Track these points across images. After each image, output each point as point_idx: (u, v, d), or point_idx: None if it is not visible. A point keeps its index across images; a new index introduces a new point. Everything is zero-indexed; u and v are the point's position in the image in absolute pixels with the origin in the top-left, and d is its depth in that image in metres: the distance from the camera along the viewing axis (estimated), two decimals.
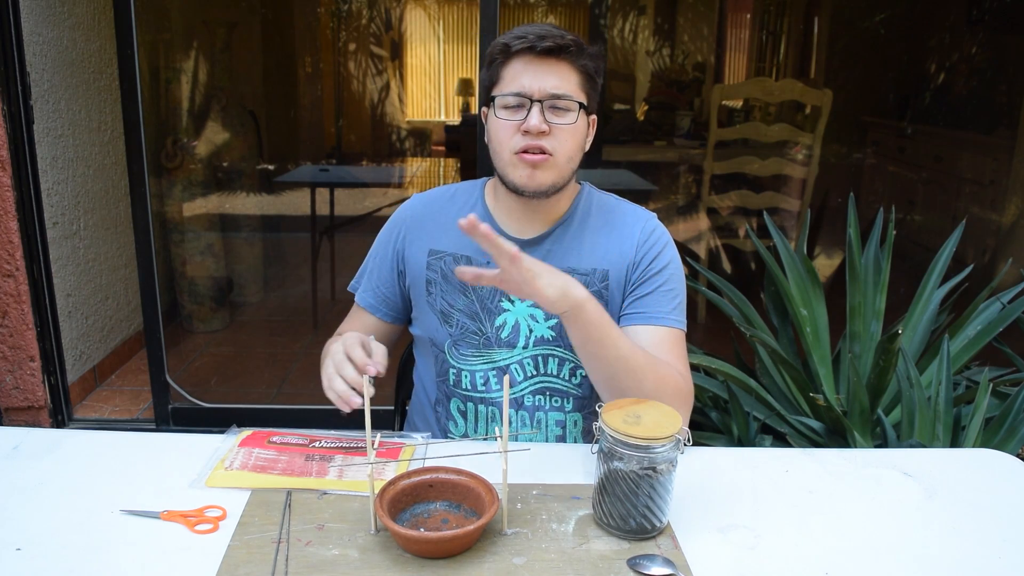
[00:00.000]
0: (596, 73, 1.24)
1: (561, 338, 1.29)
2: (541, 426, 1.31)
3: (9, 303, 2.50)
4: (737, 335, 2.14)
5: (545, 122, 1.18)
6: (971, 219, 2.70)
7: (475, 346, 1.31)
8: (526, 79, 1.18)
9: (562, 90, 1.18)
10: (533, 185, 1.21)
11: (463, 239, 1.29)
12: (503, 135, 1.21)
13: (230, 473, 1.12)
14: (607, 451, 0.98)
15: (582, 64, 1.21)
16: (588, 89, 1.23)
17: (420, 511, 1.02)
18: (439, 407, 1.37)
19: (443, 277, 1.32)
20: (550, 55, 1.18)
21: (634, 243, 1.29)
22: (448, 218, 1.32)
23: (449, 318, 1.31)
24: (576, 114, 1.20)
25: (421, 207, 1.37)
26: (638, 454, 0.95)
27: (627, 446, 0.95)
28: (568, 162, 1.23)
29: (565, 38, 1.18)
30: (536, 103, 1.18)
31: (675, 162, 3.86)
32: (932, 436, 1.71)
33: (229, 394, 3.06)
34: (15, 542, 0.96)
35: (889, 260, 2.05)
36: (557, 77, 1.19)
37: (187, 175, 3.40)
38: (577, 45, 1.19)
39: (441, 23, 4.19)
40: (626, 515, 0.98)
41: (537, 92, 1.18)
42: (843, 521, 1.04)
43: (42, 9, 2.60)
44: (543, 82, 1.18)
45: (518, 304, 1.29)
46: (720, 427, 2.01)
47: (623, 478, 0.96)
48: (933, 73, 3.77)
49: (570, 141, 1.21)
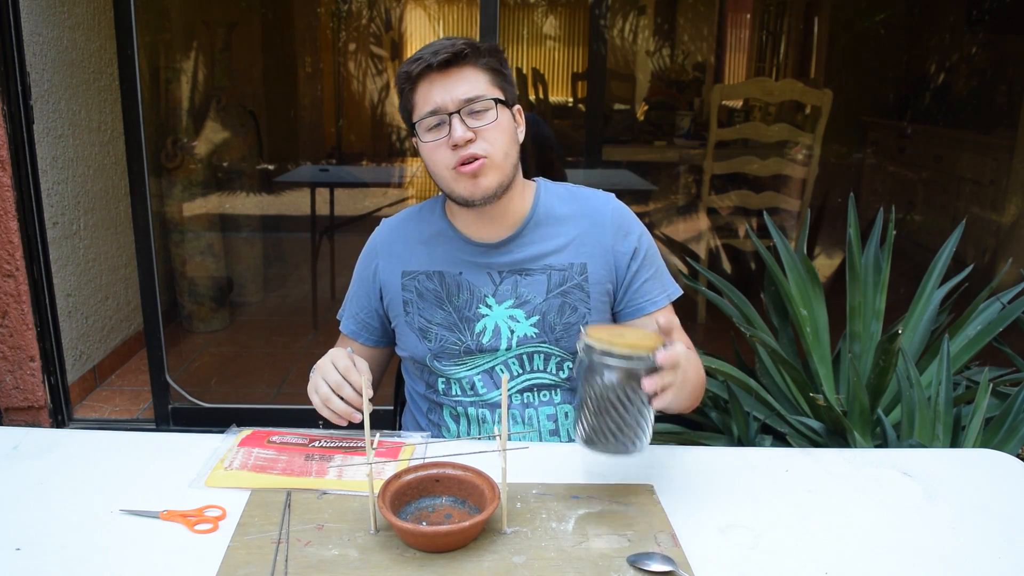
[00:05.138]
0: (501, 66, 1.25)
1: (545, 333, 1.29)
2: (533, 422, 1.32)
3: (9, 303, 2.50)
4: (737, 335, 2.14)
5: (468, 129, 1.19)
6: (971, 219, 2.70)
7: (456, 355, 1.31)
8: (436, 96, 1.20)
9: (473, 93, 1.20)
10: (480, 192, 1.22)
11: (433, 257, 1.32)
12: (436, 156, 1.22)
13: (229, 473, 1.12)
14: (590, 366, 0.97)
15: (483, 63, 1.22)
16: (499, 84, 1.24)
17: (425, 505, 1.03)
18: (432, 415, 1.38)
19: (418, 296, 1.33)
20: (449, 66, 1.19)
21: (608, 232, 1.30)
22: (415, 238, 1.35)
23: (427, 333, 1.32)
24: (495, 111, 1.21)
25: (390, 232, 1.38)
26: (621, 364, 0.95)
27: (612, 356, 0.96)
28: (505, 158, 1.23)
29: (456, 45, 1.19)
30: (453, 115, 1.19)
31: (675, 162, 3.86)
32: (932, 436, 1.71)
33: (229, 394, 3.06)
34: (15, 542, 0.96)
35: (889, 260, 2.05)
36: (464, 83, 1.20)
37: (187, 175, 3.40)
38: (471, 47, 1.20)
39: (441, 23, 4.19)
40: (606, 430, 0.98)
41: (451, 104, 1.19)
42: (843, 521, 1.04)
43: (42, 9, 2.60)
44: (452, 92, 1.19)
45: (496, 307, 1.30)
46: (720, 427, 2.01)
47: (607, 390, 0.96)
48: (933, 73, 3.77)
49: (500, 138, 1.22)
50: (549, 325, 1.29)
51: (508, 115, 1.25)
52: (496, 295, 1.30)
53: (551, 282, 1.29)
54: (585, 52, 4.12)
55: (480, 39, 2.36)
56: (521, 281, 1.29)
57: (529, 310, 1.29)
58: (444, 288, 1.31)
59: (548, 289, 1.29)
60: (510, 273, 1.30)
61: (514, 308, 1.29)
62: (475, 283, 1.30)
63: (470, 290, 1.30)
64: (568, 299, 1.29)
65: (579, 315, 1.29)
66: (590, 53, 3.97)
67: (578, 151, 4.01)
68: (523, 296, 1.29)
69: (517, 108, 1.29)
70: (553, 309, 1.29)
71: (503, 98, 1.23)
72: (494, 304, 1.30)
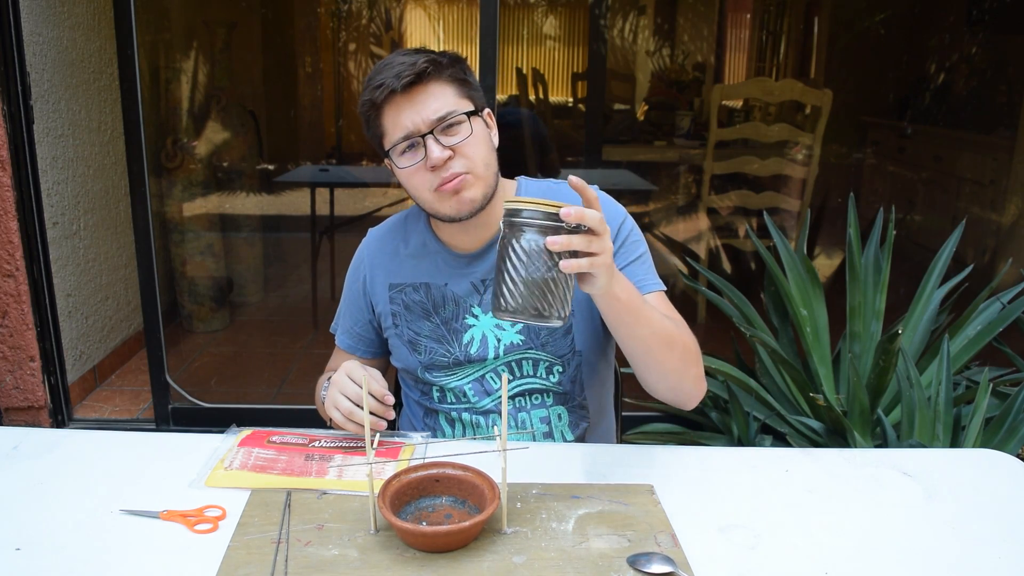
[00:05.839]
0: (465, 75, 1.21)
1: (531, 339, 1.28)
2: (527, 426, 1.32)
3: (9, 303, 2.50)
4: (737, 335, 2.14)
5: (444, 148, 1.16)
6: (971, 219, 2.70)
7: (446, 366, 1.31)
8: (405, 119, 1.16)
9: (443, 110, 1.16)
10: (467, 208, 1.20)
11: (418, 269, 1.31)
12: (415, 181, 1.19)
13: (230, 473, 1.12)
14: (519, 225, 0.94)
15: (447, 75, 1.18)
16: (466, 93, 1.20)
17: (425, 505, 1.02)
18: (428, 419, 1.38)
19: (406, 308, 1.32)
20: (413, 86, 1.15)
21: None
22: (401, 250, 1.33)
23: (417, 345, 1.32)
24: (468, 124, 1.18)
25: (376, 244, 1.37)
26: (525, 220, 0.93)
27: (514, 213, 0.94)
28: (487, 168, 1.21)
29: (418, 64, 1.14)
30: (427, 135, 1.15)
31: (675, 162, 3.86)
32: (932, 436, 1.71)
33: (229, 394, 3.06)
34: (15, 542, 0.96)
35: (889, 260, 2.05)
36: (432, 99, 1.16)
37: (187, 175, 3.40)
38: (432, 63, 1.16)
39: (441, 23, 4.19)
40: (522, 291, 0.94)
41: (423, 125, 1.15)
42: (843, 521, 1.04)
43: (42, 9, 2.60)
44: (422, 113, 1.15)
45: (482, 317, 1.29)
46: (720, 427, 2.01)
47: (513, 249, 0.94)
48: (933, 73, 3.77)
49: (478, 151, 1.19)
50: (534, 331, 1.28)
51: (481, 124, 1.21)
52: (482, 304, 1.29)
53: None
54: (585, 52, 4.12)
55: (480, 39, 2.37)
56: None
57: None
58: (430, 300, 1.31)
59: None
60: (491, 281, 1.29)
61: None
62: (460, 294, 1.30)
63: (455, 301, 1.30)
64: None
65: None
66: (590, 53, 3.98)
67: (578, 151, 4.01)
68: None
69: (487, 112, 1.25)
70: None
71: (473, 107, 1.20)
72: (480, 314, 1.30)
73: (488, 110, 1.26)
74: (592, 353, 1.32)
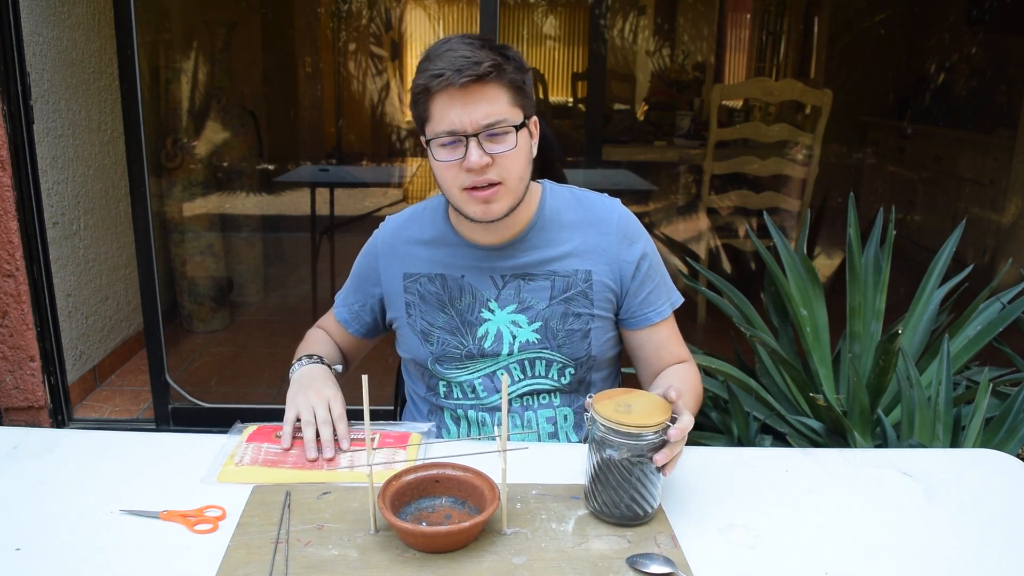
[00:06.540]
0: (523, 79, 1.18)
1: (547, 340, 1.28)
2: (532, 425, 1.31)
3: (9, 303, 2.50)
4: (737, 335, 2.14)
5: (485, 154, 1.13)
6: (971, 219, 2.70)
7: (457, 359, 1.31)
8: (454, 116, 1.13)
9: (494, 117, 1.13)
10: (492, 216, 1.19)
11: (435, 259, 1.31)
12: (448, 175, 1.17)
13: (241, 468, 1.13)
14: (599, 440, 0.99)
15: (508, 80, 1.14)
16: (519, 102, 1.17)
17: (425, 505, 1.03)
18: (432, 416, 1.38)
19: (421, 298, 1.32)
20: (471, 84, 1.12)
21: (613, 239, 1.28)
22: (416, 240, 1.33)
23: (429, 336, 1.31)
24: (514, 136, 1.15)
25: (391, 233, 1.36)
26: (630, 442, 0.97)
27: (619, 434, 0.97)
28: (520, 182, 1.19)
29: (482, 65, 1.11)
30: (471, 138, 1.13)
31: (675, 162, 3.86)
32: (932, 436, 1.71)
33: (229, 394, 3.05)
34: (15, 542, 0.96)
35: (889, 260, 2.05)
36: (486, 103, 1.13)
37: (187, 175, 3.40)
38: (495, 66, 1.12)
39: (441, 23, 4.19)
40: (618, 502, 0.99)
41: (469, 126, 1.13)
42: (843, 521, 1.04)
43: (42, 9, 2.60)
44: (472, 115, 1.12)
45: (498, 312, 1.29)
46: (720, 427, 2.01)
47: (616, 466, 0.98)
48: (933, 73, 3.77)
49: (517, 163, 1.17)
50: (551, 331, 1.28)
51: (525, 136, 1.19)
52: (499, 299, 1.29)
53: (555, 288, 1.28)
54: (585, 52, 4.12)
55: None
56: (524, 286, 1.28)
57: (532, 316, 1.28)
58: (446, 291, 1.30)
59: (551, 295, 1.28)
60: (513, 277, 1.28)
61: (516, 313, 1.28)
62: (478, 287, 1.29)
63: (472, 294, 1.29)
64: (571, 306, 1.28)
65: (582, 321, 1.28)
66: (590, 53, 3.98)
67: (578, 151, 4.01)
68: (526, 301, 1.28)
69: (533, 121, 1.23)
70: (556, 315, 1.28)
71: (523, 118, 1.17)
72: (496, 309, 1.29)
73: (535, 118, 1.24)
74: (604, 358, 1.32)
